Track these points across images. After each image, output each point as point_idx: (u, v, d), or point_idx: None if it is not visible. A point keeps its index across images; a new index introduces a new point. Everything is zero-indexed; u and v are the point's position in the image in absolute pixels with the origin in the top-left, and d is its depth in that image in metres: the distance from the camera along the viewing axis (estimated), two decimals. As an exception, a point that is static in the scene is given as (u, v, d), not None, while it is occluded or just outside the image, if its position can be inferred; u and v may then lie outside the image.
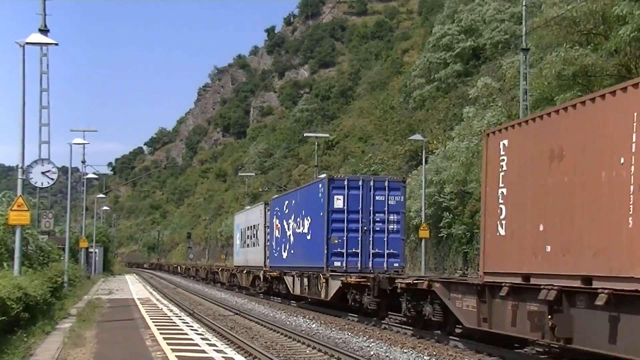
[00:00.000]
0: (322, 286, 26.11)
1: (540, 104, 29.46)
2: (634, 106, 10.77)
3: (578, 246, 12.09)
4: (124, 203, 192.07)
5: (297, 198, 30.50)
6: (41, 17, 29.27)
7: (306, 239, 28.39)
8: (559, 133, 12.82)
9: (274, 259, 34.33)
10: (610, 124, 11.37)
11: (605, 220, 11.35)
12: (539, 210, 13.33)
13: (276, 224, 33.84)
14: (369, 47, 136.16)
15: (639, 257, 10.53)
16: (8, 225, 20.28)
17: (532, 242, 13.41)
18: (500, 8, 53.20)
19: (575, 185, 12.25)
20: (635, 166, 10.72)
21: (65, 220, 39.45)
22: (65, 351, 14.01)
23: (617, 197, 11.08)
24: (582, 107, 12.24)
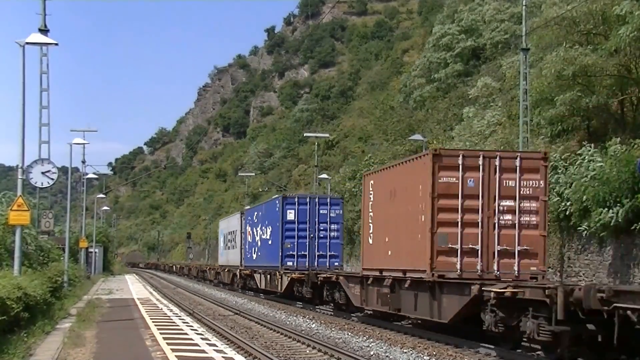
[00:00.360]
0: (278, 281, 33.32)
1: (540, 104, 29.45)
2: (427, 167, 17.91)
3: (402, 252, 19.73)
4: (124, 203, 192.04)
5: (262, 210, 37.07)
6: (41, 17, 29.26)
7: (268, 244, 34.92)
8: (394, 180, 20.57)
9: (247, 260, 40.56)
10: (414, 177, 18.89)
11: (412, 236, 18.74)
12: (386, 228, 21.06)
13: (249, 230, 40.19)
14: (369, 47, 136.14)
15: (423, 259, 18.00)
16: (8, 225, 20.28)
17: (383, 249, 21.20)
18: (500, 8, 53.20)
19: (401, 214, 19.74)
20: (424, 205, 18.05)
21: (65, 220, 39.46)
22: (65, 351, 14.01)
23: (416, 222, 18.55)
24: (404, 165, 20.19)
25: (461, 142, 34.33)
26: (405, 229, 19.27)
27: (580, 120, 28.84)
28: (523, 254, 17.81)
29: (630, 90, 26.77)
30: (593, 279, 24.96)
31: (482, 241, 17.74)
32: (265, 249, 35.92)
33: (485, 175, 17.79)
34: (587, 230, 24.15)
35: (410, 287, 19.31)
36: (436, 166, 17.66)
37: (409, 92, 60.61)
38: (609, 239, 23.91)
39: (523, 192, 17.88)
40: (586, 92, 26.88)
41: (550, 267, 27.87)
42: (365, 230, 22.79)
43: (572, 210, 25.18)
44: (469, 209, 17.70)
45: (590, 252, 25.55)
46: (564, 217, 26.39)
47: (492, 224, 17.77)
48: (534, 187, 18.01)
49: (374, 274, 21.91)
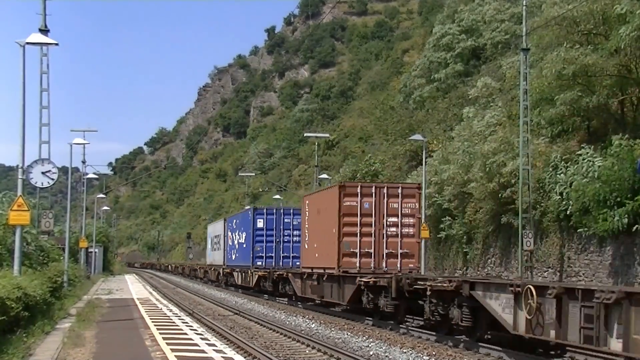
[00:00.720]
0: (250, 277, 40.03)
1: (540, 104, 29.44)
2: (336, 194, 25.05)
3: (323, 255, 26.65)
4: (124, 203, 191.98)
5: (239, 218, 43.90)
6: (41, 17, 29.23)
7: (243, 247, 41.40)
8: (319, 202, 28.08)
9: (228, 260, 47.23)
10: (329, 201, 25.92)
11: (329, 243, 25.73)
12: (314, 237, 28.46)
13: (229, 235, 46.86)
14: (369, 47, 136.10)
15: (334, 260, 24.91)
16: (8, 225, 20.27)
17: (313, 252, 28.43)
18: (500, 8, 53.11)
19: (323, 227, 26.78)
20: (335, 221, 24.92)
21: (65, 220, 39.44)
22: (65, 351, 14.00)
23: (330, 233, 25.40)
24: (324, 192, 28.38)
25: (460, 142, 34.32)
26: (325, 238, 26.46)
27: (580, 120, 28.85)
28: (403, 255, 24.95)
29: (631, 90, 26.77)
30: (593, 278, 24.96)
31: (374, 247, 24.84)
32: (241, 251, 42.52)
33: (377, 200, 24.89)
34: (587, 230, 24.16)
35: (328, 280, 26.88)
36: (342, 194, 24.91)
37: (409, 92, 60.56)
38: (609, 239, 23.92)
39: (403, 212, 24.95)
40: (586, 92, 26.86)
41: (550, 267, 27.90)
42: (303, 238, 30.84)
43: (572, 210, 25.19)
44: (365, 224, 24.82)
45: (590, 252, 25.55)
46: (564, 216, 26.40)
47: (382, 234, 24.84)
48: (412, 208, 25.13)
49: (307, 271, 29.26)
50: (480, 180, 30.90)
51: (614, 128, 26.99)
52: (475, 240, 34.08)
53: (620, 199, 22.36)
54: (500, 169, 29.54)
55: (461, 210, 34.90)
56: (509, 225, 30.24)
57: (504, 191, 29.66)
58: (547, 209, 27.82)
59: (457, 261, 36.01)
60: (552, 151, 28.64)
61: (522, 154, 27.61)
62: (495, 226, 32.14)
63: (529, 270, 28.12)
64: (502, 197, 29.98)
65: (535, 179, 28.32)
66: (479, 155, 30.84)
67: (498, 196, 30.22)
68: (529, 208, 27.83)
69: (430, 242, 36.85)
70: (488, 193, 30.75)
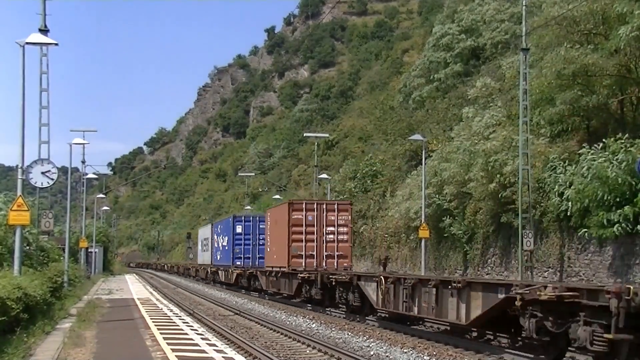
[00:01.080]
0: (231, 275, 46.24)
1: (540, 104, 29.41)
2: (286, 209, 31.48)
3: (279, 256, 32.99)
4: (124, 203, 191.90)
5: (222, 224, 50.51)
6: (41, 17, 29.20)
7: (225, 249, 47.49)
8: (276, 215, 34.58)
9: (215, 260, 53.50)
10: (282, 214, 32.28)
11: (282, 248, 32.16)
12: (273, 243, 35.09)
13: (215, 238, 53.02)
14: (369, 47, 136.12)
15: (286, 261, 31.31)
16: (8, 226, 20.27)
17: (272, 255, 34.94)
18: (500, 8, 53.07)
19: (278, 235, 33.22)
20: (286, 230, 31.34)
21: (65, 220, 39.43)
22: (65, 351, 14.00)
23: (283, 240, 31.81)
24: (279, 207, 34.97)
25: (460, 142, 34.31)
26: (280, 243, 33.03)
27: (580, 120, 28.83)
28: (339, 256, 31.35)
29: (630, 90, 26.75)
30: (593, 278, 24.96)
31: (316, 250, 31.21)
32: (224, 252, 48.66)
33: (318, 213, 31.25)
34: (588, 231, 24.15)
35: (282, 276, 33.98)
36: (291, 209, 31.38)
37: (409, 92, 60.55)
38: (609, 240, 23.91)
39: (339, 223, 31.39)
40: (586, 92, 26.84)
41: (550, 267, 27.89)
42: (266, 243, 37.97)
43: (572, 211, 25.18)
44: (309, 232, 31.16)
45: (590, 252, 25.55)
46: (564, 217, 26.40)
47: (322, 240, 31.26)
48: (345, 219, 31.56)
49: (269, 269, 36.09)
50: (480, 180, 30.89)
51: (613, 128, 26.97)
52: (475, 240, 34.07)
53: (620, 200, 22.36)
54: (501, 169, 29.53)
55: (461, 210, 34.89)
56: (509, 225, 30.23)
57: (504, 191, 29.64)
58: (547, 209, 27.82)
59: (457, 261, 36.01)
60: (552, 151, 28.62)
61: (522, 154, 27.61)
62: (495, 226, 32.14)
63: (529, 270, 28.11)
64: (502, 197, 29.97)
65: (535, 178, 28.31)
66: (480, 154, 30.81)
67: (498, 196, 30.21)
68: (528, 208, 27.82)
69: (430, 242, 36.84)
70: (488, 193, 30.74)
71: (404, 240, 42.50)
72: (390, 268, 44.81)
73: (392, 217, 43.07)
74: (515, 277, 28.35)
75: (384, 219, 46.15)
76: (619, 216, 22.20)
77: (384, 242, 46.04)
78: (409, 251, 42.10)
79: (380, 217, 47.61)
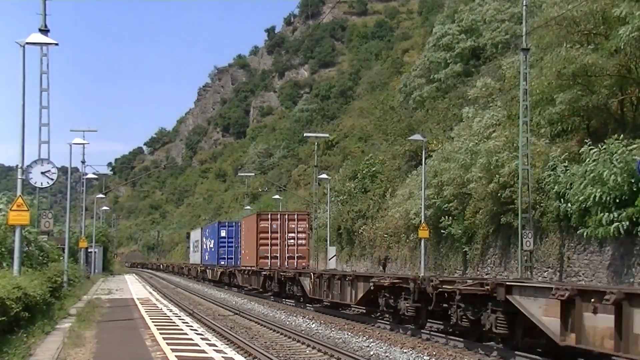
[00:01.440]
0: (216, 274, 53.05)
1: (540, 104, 29.41)
2: (255, 219, 39.75)
3: (250, 257, 40.94)
4: (124, 203, 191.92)
5: (210, 229, 57.85)
6: (41, 17, 29.21)
7: (212, 250, 54.55)
8: (248, 223, 43.06)
9: (203, 260, 60.71)
10: (252, 223, 40.64)
11: (251, 251, 40.42)
12: (246, 246, 43.22)
13: (204, 241, 60.42)
14: (369, 47, 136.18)
15: (255, 261, 39.22)
16: (8, 225, 20.26)
17: (245, 256, 43.17)
18: (500, 8, 53.05)
19: (249, 240, 41.26)
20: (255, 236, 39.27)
21: (65, 220, 39.41)
22: (65, 351, 13.99)
23: (252, 244, 39.91)
24: (249, 217, 43.85)
25: (460, 142, 34.31)
26: (250, 247, 40.36)
27: (580, 120, 28.82)
28: (299, 257, 38.46)
29: (630, 90, 26.75)
30: (593, 279, 24.96)
31: (279, 252, 38.21)
32: (210, 253, 55.78)
33: (281, 222, 38.52)
34: (587, 229, 24.14)
35: (252, 274, 40.53)
36: (258, 219, 39.13)
37: (409, 92, 60.56)
38: (609, 240, 23.91)
39: (298, 230, 38.62)
40: (586, 92, 26.84)
41: (549, 267, 27.89)
42: (241, 246, 45.51)
43: (572, 211, 25.17)
44: (274, 238, 38.30)
45: (590, 252, 25.54)
46: (563, 217, 26.39)
47: (284, 244, 38.31)
48: (304, 227, 39.06)
49: (244, 269, 42.91)
50: (479, 181, 30.88)
51: (613, 128, 26.97)
52: (475, 240, 34.06)
53: (620, 201, 22.36)
54: (501, 169, 29.52)
55: (461, 210, 34.88)
56: (508, 225, 30.22)
57: (504, 191, 29.64)
58: (546, 209, 27.81)
59: (456, 261, 36.00)
60: (552, 151, 28.61)
61: (522, 154, 27.60)
62: (495, 226, 32.13)
63: (529, 270, 28.10)
64: (501, 197, 29.96)
65: (535, 179, 28.30)
66: (481, 153, 30.79)
67: (497, 196, 30.20)
68: (528, 208, 27.81)
69: (429, 242, 36.83)
70: (487, 193, 30.73)
71: (404, 241, 42.50)
72: (390, 268, 44.81)
73: (392, 217, 43.06)
74: (515, 277, 28.34)
75: (384, 219, 46.15)
76: (619, 216, 22.19)
77: (383, 242, 46.04)
78: (409, 251, 42.10)
79: (380, 217, 47.61)
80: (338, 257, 52.91)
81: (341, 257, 53.99)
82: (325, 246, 51.77)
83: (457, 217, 35.09)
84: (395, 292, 20.33)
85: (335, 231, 54.14)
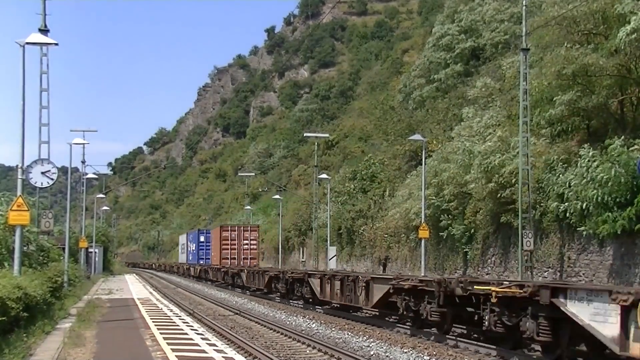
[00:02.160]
0: (196, 271, 66.06)
1: (540, 104, 29.40)
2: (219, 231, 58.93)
3: (216, 259, 58.87)
4: (124, 203, 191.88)
5: (192, 235, 72.64)
6: (41, 17, 29.22)
7: (194, 252, 68.42)
8: (215, 233, 61.36)
9: (188, 260, 74.78)
10: (217, 234, 59.66)
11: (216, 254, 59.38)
12: (213, 250, 62.09)
13: (188, 244, 74.63)
14: (369, 47, 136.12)
15: (219, 261, 56.92)
16: (8, 225, 20.26)
17: (213, 257, 62.00)
18: (500, 8, 53.02)
19: (216, 245, 60.11)
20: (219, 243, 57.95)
21: (65, 220, 39.40)
22: (65, 351, 14.00)
23: (217, 248, 58.86)
24: (216, 229, 62.69)
25: (460, 142, 34.31)
26: (216, 250, 57.71)
27: (580, 120, 28.81)
28: (251, 258, 55.97)
29: (630, 90, 26.74)
30: (593, 279, 24.96)
31: (237, 255, 55.87)
32: (192, 255, 70.32)
33: (238, 233, 56.80)
34: (588, 229, 24.15)
35: (218, 271, 53.94)
36: (222, 230, 57.59)
37: (409, 92, 60.54)
38: (610, 239, 23.91)
39: (250, 238, 56.76)
40: (586, 92, 26.82)
41: (550, 267, 27.89)
42: (211, 250, 59.78)
43: (571, 212, 25.17)
44: (233, 244, 56.10)
45: (590, 252, 25.54)
46: (564, 217, 26.38)
47: (241, 249, 55.94)
48: (255, 236, 57.40)
49: (214, 267, 56.54)
50: (478, 181, 30.88)
51: (613, 128, 26.97)
52: (475, 240, 34.05)
53: (620, 201, 22.36)
54: (498, 170, 29.51)
55: (461, 210, 34.87)
56: (508, 225, 30.22)
57: (504, 191, 29.63)
58: (546, 209, 27.80)
59: (457, 261, 36.00)
60: (552, 152, 28.60)
61: (522, 153, 27.59)
62: (495, 226, 32.13)
63: (529, 271, 28.10)
64: (501, 197, 29.96)
65: (535, 179, 28.30)
66: (477, 155, 30.81)
67: (497, 196, 30.20)
68: (528, 208, 27.81)
69: (430, 242, 36.82)
70: (487, 193, 30.72)
71: (404, 241, 42.50)
72: (390, 268, 44.80)
73: (392, 218, 43.05)
74: (515, 277, 28.33)
75: (384, 219, 46.14)
76: (619, 216, 22.19)
77: (383, 243, 46.03)
78: (409, 251, 42.10)
79: (380, 218, 47.60)
80: (338, 257, 52.92)
81: (341, 257, 53.99)
82: (325, 246, 51.79)
83: (457, 217, 35.09)
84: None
85: (336, 231, 54.15)
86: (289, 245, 70.48)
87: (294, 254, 69.72)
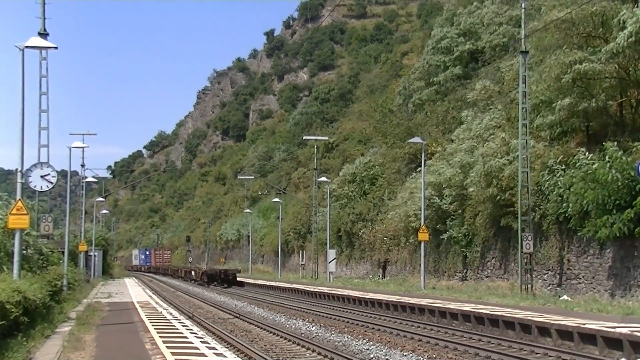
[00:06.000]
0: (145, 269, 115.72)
1: (539, 108, 29.43)
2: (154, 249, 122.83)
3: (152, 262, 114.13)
4: (124, 206, 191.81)
5: (140, 251, 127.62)
6: (40, 21, 29.28)
7: (142, 259, 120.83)
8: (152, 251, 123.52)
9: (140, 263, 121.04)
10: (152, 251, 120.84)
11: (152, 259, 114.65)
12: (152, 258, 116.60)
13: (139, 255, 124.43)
14: (368, 50, 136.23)
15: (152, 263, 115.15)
16: (7, 229, 20.25)
17: (152, 261, 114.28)
18: (499, 11, 53.12)
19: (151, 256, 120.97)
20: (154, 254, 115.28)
21: (65, 223, 39.40)
22: (65, 355, 13.99)
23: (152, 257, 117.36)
24: (153, 249, 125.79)
25: (460, 145, 34.34)
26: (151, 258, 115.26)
27: (579, 122, 28.84)
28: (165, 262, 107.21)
29: (630, 92, 26.78)
30: (593, 281, 24.97)
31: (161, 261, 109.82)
32: (142, 260, 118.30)
33: (161, 252, 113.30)
34: (587, 232, 24.16)
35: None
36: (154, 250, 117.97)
37: (408, 95, 60.60)
38: (609, 242, 23.92)
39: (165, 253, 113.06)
40: (585, 95, 26.85)
41: (549, 270, 27.90)
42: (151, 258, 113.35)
43: (571, 214, 25.18)
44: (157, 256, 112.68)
45: (590, 254, 25.55)
46: (563, 219, 26.40)
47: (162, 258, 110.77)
48: (168, 253, 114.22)
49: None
50: (478, 185, 30.89)
51: (613, 130, 27.00)
52: (475, 243, 34.06)
53: (619, 203, 22.37)
54: (499, 173, 29.52)
55: (460, 213, 34.88)
56: (508, 227, 30.23)
57: (503, 194, 29.64)
58: (546, 211, 27.81)
59: (456, 264, 36.00)
60: (551, 154, 28.62)
61: (521, 156, 27.61)
62: (494, 229, 32.14)
63: (529, 273, 28.10)
64: (501, 200, 29.97)
65: (534, 181, 28.31)
66: (477, 157, 30.83)
67: (497, 199, 30.21)
68: (528, 211, 27.82)
69: (429, 245, 36.82)
70: (487, 196, 30.74)
71: (404, 243, 42.49)
72: (390, 271, 44.82)
73: (391, 220, 43.06)
74: (515, 279, 28.34)
75: (383, 222, 46.14)
76: (619, 219, 22.21)
77: (383, 245, 46.03)
78: (409, 254, 42.11)
79: (379, 220, 47.60)
80: (338, 260, 52.90)
81: (341, 259, 53.97)
82: (325, 249, 51.78)
83: (457, 219, 35.10)
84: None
85: (335, 234, 54.13)
86: (288, 249, 70.48)
87: (293, 257, 69.71)
